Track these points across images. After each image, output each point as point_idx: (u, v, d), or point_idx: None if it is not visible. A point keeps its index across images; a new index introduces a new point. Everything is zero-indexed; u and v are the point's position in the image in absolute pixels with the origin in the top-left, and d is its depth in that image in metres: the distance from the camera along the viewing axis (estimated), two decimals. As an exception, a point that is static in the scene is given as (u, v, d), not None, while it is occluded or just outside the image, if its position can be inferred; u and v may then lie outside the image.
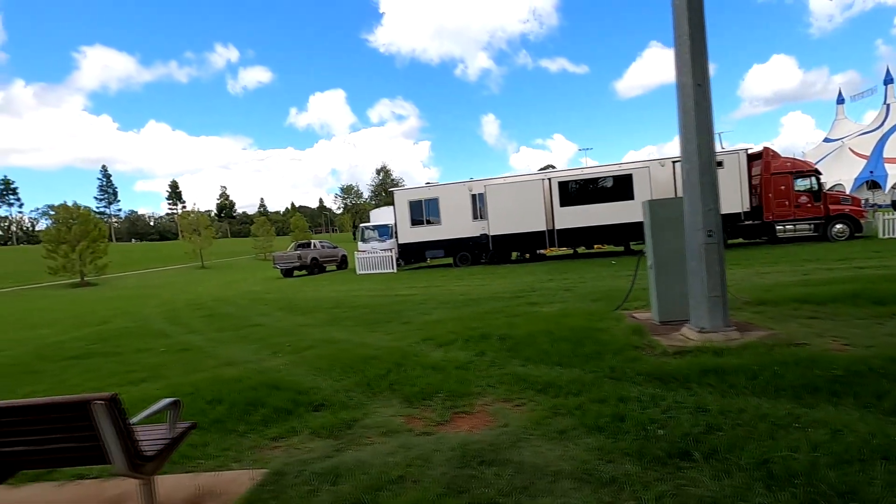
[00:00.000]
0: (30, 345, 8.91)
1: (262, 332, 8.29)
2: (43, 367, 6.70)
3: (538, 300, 9.48)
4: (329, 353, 6.17)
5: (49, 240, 29.98)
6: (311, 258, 24.33)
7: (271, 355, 6.41)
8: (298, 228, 71.69)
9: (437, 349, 6.04)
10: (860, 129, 48.27)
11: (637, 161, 19.21)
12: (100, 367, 6.39)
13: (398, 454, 3.22)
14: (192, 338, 8.20)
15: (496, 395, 4.29)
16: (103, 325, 10.85)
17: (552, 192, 18.41)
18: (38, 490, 3.06)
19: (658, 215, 6.50)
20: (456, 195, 20.15)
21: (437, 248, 20.56)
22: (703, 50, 5.45)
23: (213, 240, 47.91)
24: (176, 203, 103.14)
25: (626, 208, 17.87)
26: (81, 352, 7.63)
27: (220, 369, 5.81)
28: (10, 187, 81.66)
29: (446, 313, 8.73)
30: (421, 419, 3.88)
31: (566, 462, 2.90)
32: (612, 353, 5.02)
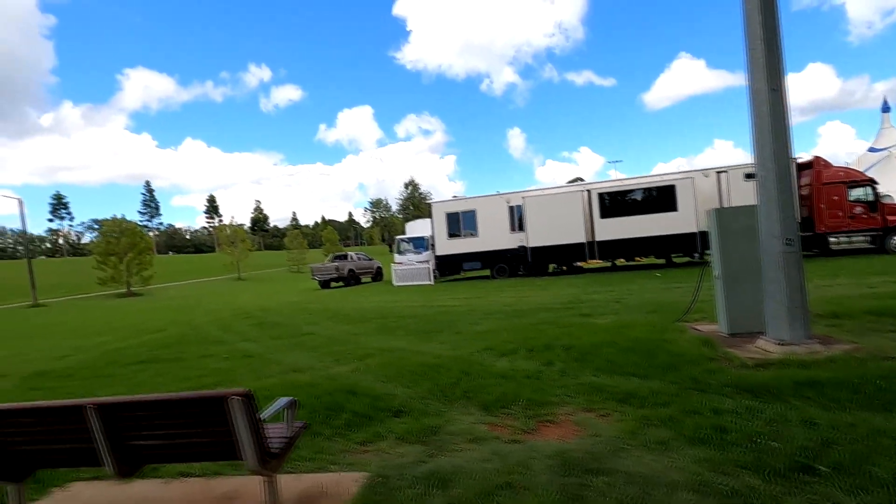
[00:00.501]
0: (94, 351, 9.27)
1: (316, 340, 8.40)
2: (114, 372, 6.94)
3: (589, 311, 9.31)
4: (391, 360, 6.19)
5: (99, 252, 31.37)
6: (347, 270, 24.66)
7: (334, 362, 6.47)
8: (330, 241, 73.05)
9: (500, 358, 5.99)
10: (910, 139, 46.07)
11: (679, 172, 18.85)
12: (169, 372, 6.58)
13: (493, 461, 3.19)
14: (250, 345, 8.37)
15: (576, 404, 4.21)
16: (159, 333, 11.20)
17: (592, 204, 18.19)
18: (146, 486, 3.15)
19: (726, 224, 6.33)
20: (493, 207, 20.14)
21: (474, 260, 20.54)
22: (779, 54, 5.33)
23: (250, 252, 49.15)
24: (213, 216, 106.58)
25: (669, 220, 17.50)
26: (147, 357, 7.88)
27: (288, 375, 5.90)
28: (62, 202, 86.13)
29: (497, 324, 8.67)
30: (505, 427, 3.84)
31: (676, 473, 2.80)
32: (688, 365, 4.88)
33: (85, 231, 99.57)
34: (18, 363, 8.55)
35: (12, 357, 9.45)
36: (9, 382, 6.82)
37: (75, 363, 7.91)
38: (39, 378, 6.87)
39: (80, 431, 2.38)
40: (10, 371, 7.75)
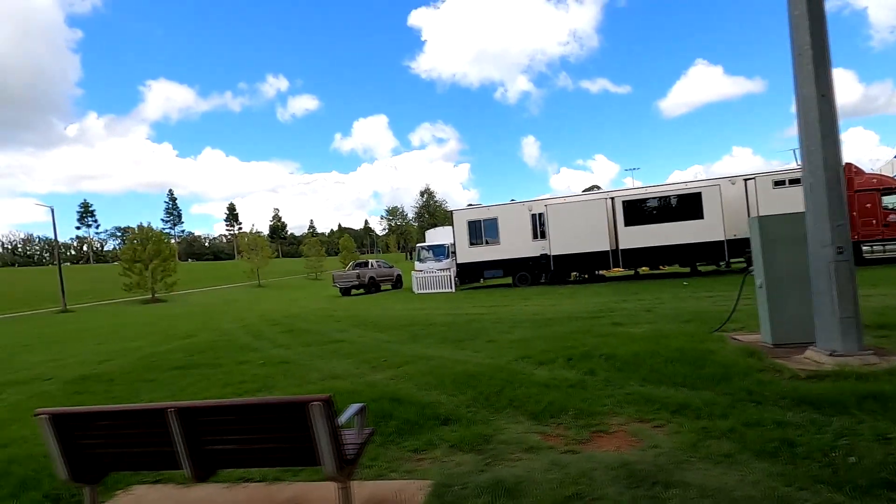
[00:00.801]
0: (131, 355, 9.43)
1: (349, 347, 8.43)
2: (155, 377, 7.05)
3: (621, 320, 9.19)
4: (429, 368, 6.18)
5: (126, 259, 32.10)
6: (368, 277, 24.79)
7: (371, 370, 6.49)
8: (347, 249, 73.50)
9: (539, 367, 5.95)
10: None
11: (705, 179, 18.59)
12: (209, 377, 6.66)
13: (554, 471, 3.14)
14: (283, 352, 8.43)
15: (627, 415, 4.15)
16: (190, 339, 11.36)
17: (616, 212, 18.03)
18: (208, 491, 3.17)
19: (770, 232, 6.20)
20: (515, 215, 20.10)
21: (495, 268, 20.48)
22: (827, 60, 5.25)
23: (269, 259, 49.77)
24: (233, 224, 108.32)
25: (695, 228, 17.25)
26: (184, 363, 7.99)
27: (328, 382, 5.93)
28: (88, 210, 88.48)
29: (529, 332, 8.60)
30: (557, 437, 3.79)
31: (751, 487, 2.73)
32: (738, 376, 4.78)
33: (108, 238, 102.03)
34: (58, 367, 8.74)
35: (51, 361, 9.67)
36: (53, 386, 6.98)
37: (115, 368, 8.06)
38: (83, 382, 7.01)
39: (160, 435, 2.41)
40: (53, 375, 7.93)
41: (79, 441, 2.54)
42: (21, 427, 4.93)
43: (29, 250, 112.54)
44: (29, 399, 6.23)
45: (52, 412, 2.49)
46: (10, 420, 5.28)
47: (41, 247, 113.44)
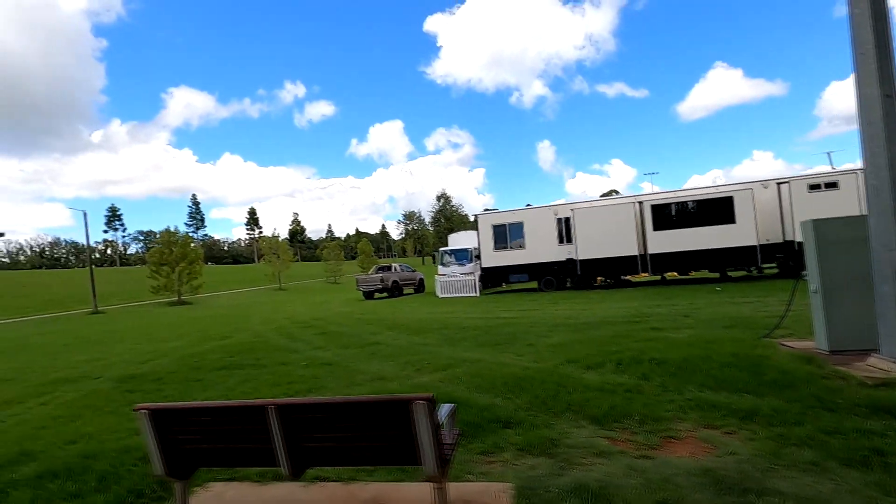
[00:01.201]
0: (171, 355, 9.60)
1: (387, 349, 8.46)
2: (202, 377, 7.15)
3: (659, 325, 9.05)
4: (476, 371, 6.16)
5: (153, 261, 32.80)
6: (392, 281, 24.90)
7: (416, 372, 6.49)
8: (365, 253, 73.95)
9: (588, 371, 5.88)
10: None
11: (737, 183, 18.26)
12: (256, 378, 6.74)
13: (634, 476, 3.10)
14: (322, 353, 8.49)
15: (693, 421, 4.07)
16: (226, 340, 11.52)
17: (644, 216, 17.82)
18: (286, 489, 3.19)
19: (826, 236, 6.04)
20: (541, 219, 20.00)
21: (521, 273, 20.38)
22: (891, 59, 5.12)
23: (290, 263, 50.36)
24: (254, 228, 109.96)
25: (726, 232, 16.94)
26: (227, 363, 8.10)
27: (376, 383, 5.94)
28: (116, 214, 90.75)
29: (567, 336, 8.52)
30: (625, 442, 3.74)
31: (849, 497, 2.65)
32: (802, 383, 4.66)
33: (131, 242, 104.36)
34: (104, 367, 8.93)
35: (95, 360, 9.88)
36: (104, 385, 7.13)
37: (159, 367, 8.20)
38: (133, 381, 7.15)
39: (258, 431, 2.44)
40: (101, 374, 8.10)
41: (175, 436, 2.58)
42: (84, 423, 5.04)
43: (56, 253, 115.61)
44: (83, 397, 6.38)
45: (152, 407, 2.54)
46: (72, 417, 5.40)
47: (67, 250, 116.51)
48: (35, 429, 4.99)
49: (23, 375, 8.74)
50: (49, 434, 4.71)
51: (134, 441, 4.16)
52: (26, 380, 8.21)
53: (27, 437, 4.66)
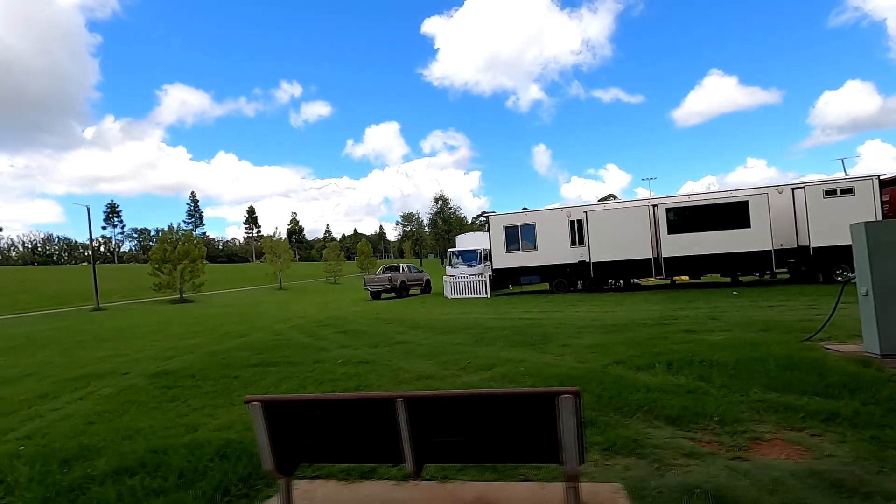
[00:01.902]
0: (195, 352, 9.43)
1: (420, 348, 8.34)
2: (237, 373, 7.00)
3: (691, 328, 8.98)
4: (524, 370, 6.06)
5: (156, 258, 32.49)
6: (399, 281, 24.77)
7: (461, 371, 6.38)
8: (364, 254, 73.73)
9: (639, 372, 5.80)
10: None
11: (751, 188, 18.28)
12: (296, 375, 6.60)
13: (740, 478, 3.01)
14: (353, 352, 8.37)
15: (773, 422, 3.99)
16: (244, 338, 11.35)
17: (659, 219, 17.80)
18: (379, 488, 3.08)
19: (879, 238, 5.99)
20: (553, 221, 19.95)
21: (532, 274, 20.32)
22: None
23: (291, 262, 50.10)
24: (252, 227, 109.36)
25: (741, 237, 16.94)
26: (257, 360, 7.95)
27: (423, 381, 5.84)
28: (115, 210, 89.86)
29: (600, 338, 8.43)
30: (711, 443, 3.65)
31: (980, 499, 2.57)
32: (870, 386, 4.59)
33: (124, 240, 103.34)
34: (127, 363, 8.76)
35: (115, 357, 9.69)
36: (137, 381, 6.96)
37: (188, 364, 8.04)
38: (166, 377, 6.99)
39: (381, 425, 2.33)
40: (127, 370, 7.93)
41: (286, 430, 2.46)
42: (133, 419, 4.90)
43: (48, 250, 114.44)
44: (120, 393, 6.22)
45: (265, 399, 2.42)
46: (117, 412, 5.25)
47: (60, 247, 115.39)
48: (84, 424, 4.84)
49: (44, 370, 8.56)
50: (101, 429, 4.57)
51: (200, 436, 4.03)
52: (50, 375, 8.02)
53: (79, 432, 4.51)
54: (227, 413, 4.99)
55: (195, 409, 5.22)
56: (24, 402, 5.95)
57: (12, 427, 4.91)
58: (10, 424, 5.00)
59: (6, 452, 3.96)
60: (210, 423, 4.61)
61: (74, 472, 3.35)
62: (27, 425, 4.97)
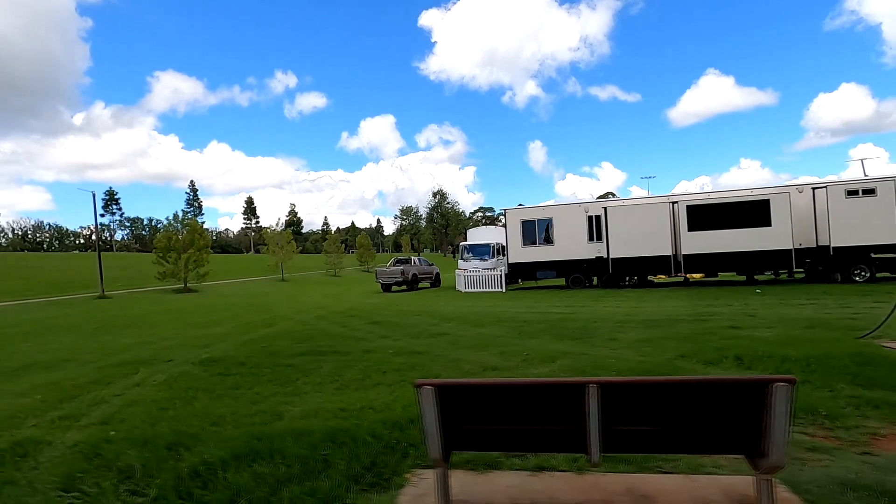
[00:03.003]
0: (228, 341, 9.26)
1: (465, 340, 8.24)
2: (290, 362, 6.86)
3: (733, 324, 8.92)
4: (589, 363, 5.99)
5: (161, 247, 32.10)
6: (411, 274, 24.63)
7: (522, 363, 6.29)
8: (363, 247, 73.43)
9: (709, 366, 5.73)
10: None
11: (772, 186, 18.29)
12: (354, 364, 6.48)
13: (886, 472, 2.93)
14: (396, 342, 8.25)
15: (879, 418, 3.92)
16: (273, 327, 11.20)
17: (679, 216, 17.77)
18: (517, 479, 2.97)
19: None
20: (571, 216, 19.88)
21: (548, 269, 20.26)
22: None
23: (294, 254, 49.76)
24: (250, 218, 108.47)
25: (761, 235, 16.95)
26: (304, 350, 7.80)
27: (491, 372, 5.74)
28: (113, 198, 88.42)
29: (644, 333, 8.36)
30: (829, 438, 3.58)
31: None
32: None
33: (116, 228, 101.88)
34: (162, 350, 8.58)
35: (144, 344, 9.50)
36: (188, 368, 6.80)
37: (232, 352, 7.88)
38: (216, 365, 6.83)
39: (566, 412, 2.22)
40: (169, 357, 7.77)
41: (455, 415, 2.35)
42: (209, 406, 4.76)
43: (39, 237, 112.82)
44: (176, 379, 6.07)
45: (438, 383, 2.30)
46: (184, 398, 5.11)
47: (51, 234, 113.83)
48: (157, 410, 4.69)
49: (79, 356, 8.36)
50: (180, 415, 4.43)
51: (295, 424, 3.91)
52: (89, 361, 7.84)
53: (156, 418, 4.37)
54: (301, 401, 4.86)
55: (265, 397, 5.08)
56: (80, 388, 5.78)
57: (81, 412, 4.75)
58: (77, 409, 4.84)
59: (94, 438, 3.82)
60: (290, 411, 4.48)
61: (188, 457, 3.22)
62: (95, 410, 4.82)
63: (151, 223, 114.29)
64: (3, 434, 4.12)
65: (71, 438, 3.88)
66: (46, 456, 3.54)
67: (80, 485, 2.96)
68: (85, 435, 3.94)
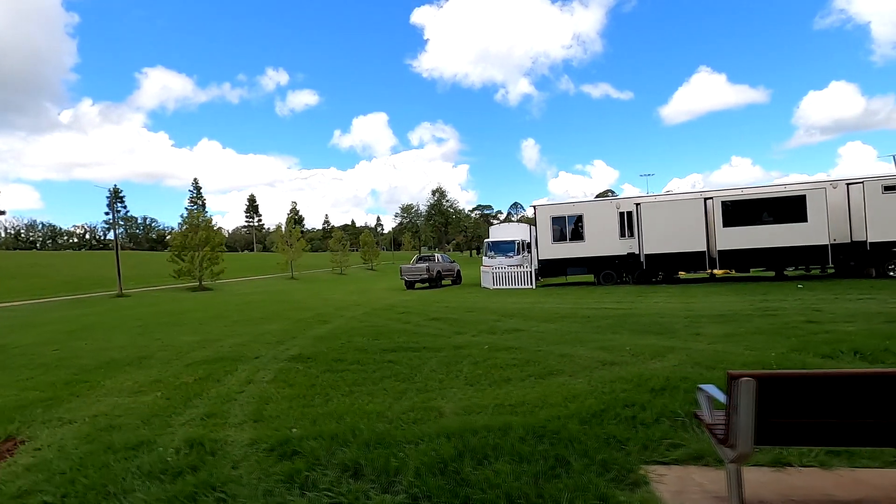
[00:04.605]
0: (299, 338, 9.12)
1: (548, 335, 8.14)
2: (389, 358, 6.75)
3: (807, 318, 8.88)
4: (701, 358, 5.91)
5: (176, 245, 31.80)
6: (436, 272, 24.54)
7: (633, 357, 6.19)
8: (367, 244, 73.24)
9: (827, 361, 5.69)
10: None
11: (808, 182, 18.35)
12: (458, 360, 6.37)
13: None
14: (476, 338, 8.16)
15: None
16: (328, 324, 11.06)
17: (714, 212, 17.78)
18: (758, 476, 2.89)
19: None
20: (602, 212, 19.85)
21: (579, 266, 20.23)
22: None
23: (303, 252, 49.52)
24: (252, 216, 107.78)
25: (798, 231, 17.00)
26: (390, 346, 7.69)
27: (609, 368, 5.64)
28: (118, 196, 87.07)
29: (724, 328, 8.30)
30: None
31: None
32: None
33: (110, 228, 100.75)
34: (234, 347, 8.43)
35: (211, 342, 9.34)
36: (289, 364, 6.67)
37: (315, 349, 7.76)
38: (312, 362, 6.71)
39: (883, 403, 2.13)
40: (256, 353, 7.63)
41: (767, 409, 2.26)
42: (352, 403, 4.64)
43: (31, 236, 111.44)
44: (287, 375, 5.94)
45: (759, 375, 2.21)
46: (322, 395, 4.98)
47: (44, 233, 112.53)
48: (303, 406, 4.58)
49: (152, 354, 8.20)
50: (337, 412, 4.31)
51: (480, 421, 3.80)
52: (166, 359, 7.68)
53: (317, 416, 4.24)
54: (441, 396, 4.75)
55: (401, 393, 4.97)
56: (190, 387, 5.65)
57: (222, 410, 4.62)
58: (214, 408, 4.71)
59: (269, 436, 3.70)
60: (443, 406, 4.38)
61: (414, 455, 3.11)
62: (233, 408, 4.69)
63: (146, 221, 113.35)
64: (165, 432, 3.99)
65: (243, 437, 3.75)
66: (235, 454, 3.42)
67: (319, 481, 2.86)
68: (256, 433, 3.82)
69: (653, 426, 3.60)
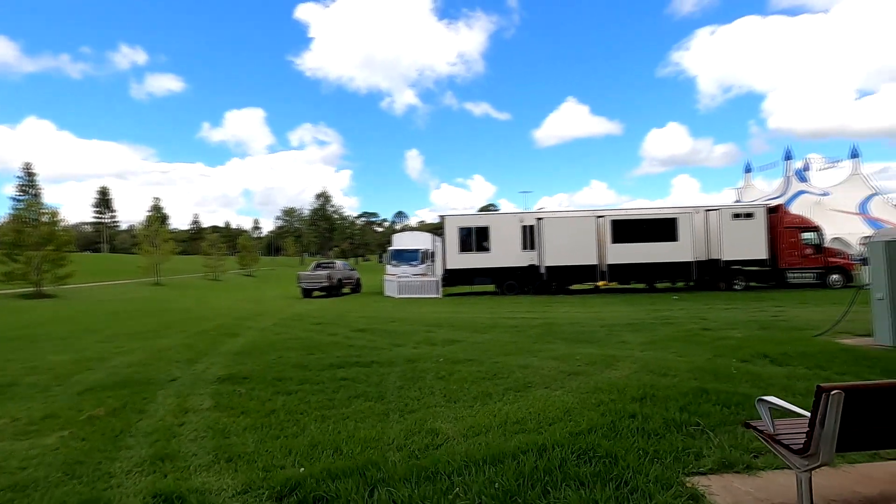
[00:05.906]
0: (213, 356, 7.94)
1: (493, 346, 8.12)
2: (340, 375, 6.14)
3: (702, 326, 10.10)
4: (653, 366, 6.33)
5: (7, 242, 25.86)
6: (336, 279, 23.37)
7: (588, 367, 6.41)
8: (246, 248, 67.86)
9: (747, 364, 6.45)
10: (765, 195, 53.86)
11: (677, 207, 21.13)
12: (421, 376, 6.00)
13: None
14: (417, 350, 7.85)
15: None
16: (237, 337, 9.86)
17: (605, 229, 19.61)
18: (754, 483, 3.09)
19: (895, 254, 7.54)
20: (507, 225, 20.73)
21: (485, 276, 20.82)
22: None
23: (172, 255, 43.80)
24: (104, 211, 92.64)
25: (670, 248, 19.48)
26: (333, 361, 7.00)
27: (575, 378, 5.76)
28: None
29: (642, 336, 9.05)
30: None
31: None
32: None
33: None
34: (134, 368, 7.05)
35: (94, 361, 7.71)
36: (220, 388, 5.70)
37: (246, 368, 6.78)
38: (250, 383, 5.83)
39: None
40: (169, 376, 6.42)
41: (847, 418, 2.41)
42: (334, 429, 4.07)
43: None
44: (231, 398, 5.06)
45: (847, 387, 2.35)
46: (294, 423, 4.29)
47: None
48: (274, 439, 3.89)
49: (16, 380, 6.47)
50: (333, 442, 3.73)
51: (501, 445, 3.55)
52: (41, 386, 6.12)
53: (300, 450, 3.63)
54: (431, 416, 4.40)
55: (383, 415, 4.51)
56: (110, 421, 4.52)
57: (176, 449, 3.73)
58: (163, 447, 3.79)
59: (275, 479, 3.06)
60: (441, 428, 4.06)
61: (474, 484, 2.76)
62: (193, 446, 3.83)
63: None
64: (111, 486, 3.08)
65: (228, 483, 3.05)
66: (233, 508, 2.75)
67: None
68: (242, 477, 3.13)
69: (666, 436, 3.69)
